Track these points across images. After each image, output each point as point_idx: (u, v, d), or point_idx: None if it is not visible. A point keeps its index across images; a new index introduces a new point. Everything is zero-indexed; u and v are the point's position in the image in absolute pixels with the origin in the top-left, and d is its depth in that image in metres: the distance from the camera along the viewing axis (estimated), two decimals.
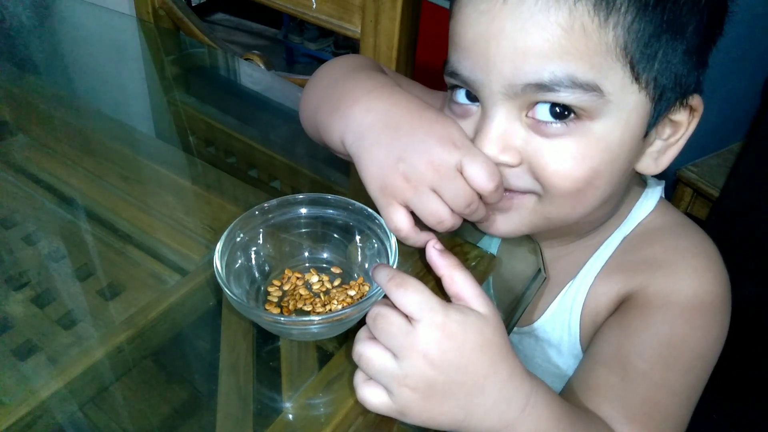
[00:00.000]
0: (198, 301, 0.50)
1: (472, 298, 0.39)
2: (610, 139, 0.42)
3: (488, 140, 0.43)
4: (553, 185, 0.43)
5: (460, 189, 0.42)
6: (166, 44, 0.97)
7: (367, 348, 0.39)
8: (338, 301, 0.45)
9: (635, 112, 0.42)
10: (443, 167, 0.42)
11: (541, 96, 0.40)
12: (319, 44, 2.44)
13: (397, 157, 0.43)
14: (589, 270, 0.53)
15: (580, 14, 0.38)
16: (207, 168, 0.67)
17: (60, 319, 0.48)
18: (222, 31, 2.66)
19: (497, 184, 0.42)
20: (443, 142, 0.42)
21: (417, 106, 0.46)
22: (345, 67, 0.54)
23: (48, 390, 0.42)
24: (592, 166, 0.42)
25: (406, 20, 0.79)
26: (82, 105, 0.78)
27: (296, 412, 0.41)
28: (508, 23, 0.39)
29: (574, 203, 0.45)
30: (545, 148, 0.42)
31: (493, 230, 0.48)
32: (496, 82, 0.41)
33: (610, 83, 0.40)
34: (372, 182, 0.44)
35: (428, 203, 0.43)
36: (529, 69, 0.40)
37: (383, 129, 0.45)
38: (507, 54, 0.40)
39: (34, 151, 0.67)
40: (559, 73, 0.39)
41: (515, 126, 0.43)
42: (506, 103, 0.42)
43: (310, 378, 0.43)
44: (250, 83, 0.87)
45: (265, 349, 0.45)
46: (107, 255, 0.54)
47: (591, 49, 0.39)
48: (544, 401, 0.39)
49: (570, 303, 0.54)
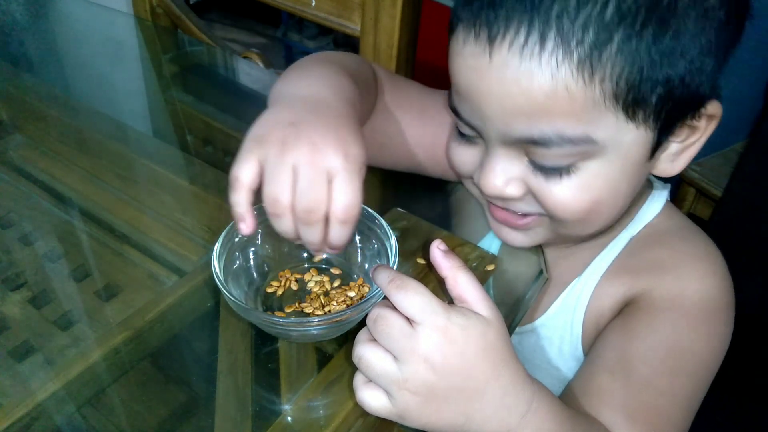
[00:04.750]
0: (196, 302, 0.50)
1: (476, 301, 0.39)
2: (610, 172, 0.42)
3: (493, 175, 0.44)
4: (557, 216, 0.44)
5: (317, 192, 0.38)
6: (164, 42, 0.96)
7: (367, 350, 0.38)
8: (337, 302, 0.45)
9: (634, 145, 0.42)
10: (320, 160, 0.38)
11: (534, 149, 0.41)
12: (319, 42, 2.43)
13: (292, 122, 0.40)
14: (595, 269, 0.52)
15: (563, 77, 0.37)
16: (205, 167, 0.67)
17: (57, 320, 0.48)
18: (220, 29, 2.65)
19: (347, 219, 0.39)
20: (339, 144, 0.39)
21: (352, 111, 0.44)
22: (330, 56, 0.52)
23: (45, 391, 0.42)
24: (593, 197, 0.43)
25: (407, 18, 0.79)
26: (79, 104, 0.78)
27: (295, 414, 0.41)
28: (494, 84, 0.40)
29: (584, 226, 0.46)
30: (545, 186, 0.43)
31: (510, 241, 0.49)
32: (493, 132, 0.42)
33: (602, 131, 0.40)
34: (255, 128, 0.41)
35: (278, 174, 0.38)
36: (518, 127, 0.40)
37: (308, 103, 0.42)
38: (497, 112, 0.40)
39: (31, 151, 0.66)
40: (548, 130, 0.39)
41: (516, 164, 0.43)
42: (506, 146, 0.43)
43: (309, 380, 0.43)
44: (249, 82, 0.87)
45: (264, 350, 0.45)
46: (104, 255, 0.54)
47: (577, 107, 0.38)
48: (545, 407, 0.39)
49: (574, 302, 0.53)
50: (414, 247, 0.51)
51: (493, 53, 0.39)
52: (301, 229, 0.39)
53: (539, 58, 0.37)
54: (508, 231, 0.49)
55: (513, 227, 0.48)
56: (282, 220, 0.39)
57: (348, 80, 0.47)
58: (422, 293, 0.37)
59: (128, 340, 0.46)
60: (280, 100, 0.44)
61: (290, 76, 0.46)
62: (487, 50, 0.39)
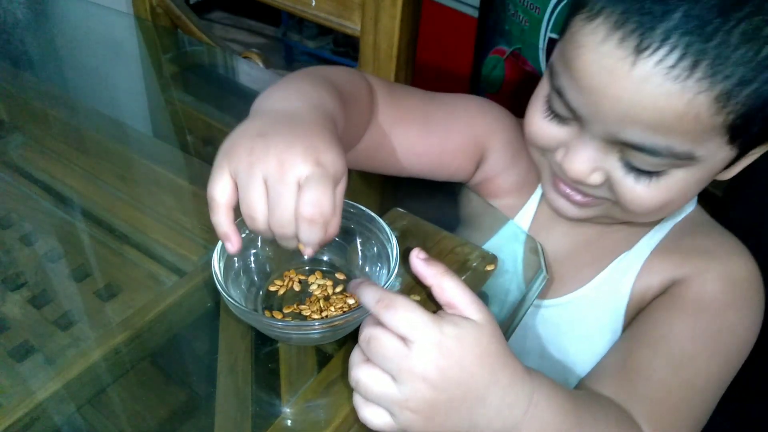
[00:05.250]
0: (196, 302, 0.50)
1: (465, 306, 0.38)
2: (691, 180, 0.44)
3: (580, 161, 0.44)
4: (628, 208, 0.45)
5: (287, 205, 0.37)
6: (164, 42, 0.96)
7: (363, 373, 0.38)
8: (335, 308, 0.45)
9: (721, 161, 0.43)
10: (288, 170, 0.37)
11: (636, 154, 0.42)
12: (319, 42, 2.43)
13: (259, 133, 0.39)
14: (645, 245, 0.53)
15: (698, 104, 0.38)
16: (205, 167, 0.66)
17: (57, 320, 0.48)
18: (220, 29, 2.65)
19: (313, 219, 0.37)
20: (308, 152, 0.38)
21: (326, 121, 0.42)
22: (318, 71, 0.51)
23: (45, 391, 0.42)
24: (668, 198, 0.44)
25: (407, 18, 0.79)
26: (79, 104, 0.78)
27: (295, 414, 0.41)
28: (626, 93, 0.39)
29: (645, 217, 0.48)
30: (628, 180, 0.44)
31: (563, 211, 0.50)
32: (599, 129, 0.42)
33: (705, 149, 0.41)
34: (225, 142, 0.40)
35: (250, 190, 0.38)
36: (633, 134, 0.40)
37: (279, 115, 0.42)
38: (617, 116, 0.40)
39: (31, 150, 0.66)
40: (660, 144, 0.40)
41: (607, 156, 0.44)
42: (603, 141, 0.43)
43: (309, 380, 0.43)
44: (249, 82, 0.86)
45: (264, 350, 0.45)
46: (104, 255, 0.54)
47: (698, 130, 0.39)
48: (546, 398, 0.39)
49: (622, 274, 0.54)
50: (414, 247, 0.51)
51: (637, 63, 0.38)
52: (280, 242, 0.40)
53: (684, 82, 0.37)
54: (564, 202, 0.50)
55: (571, 202, 0.49)
56: (263, 234, 0.39)
57: (327, 93, 0.46)
58: (412, 309, 0.37)
59: (128, 340, 0.46)
60: (253, 115, 0.43)
61: (270, 91, 0.46)
62: (631, 59, 0.38)
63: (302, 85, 0.46)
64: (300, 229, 0.38)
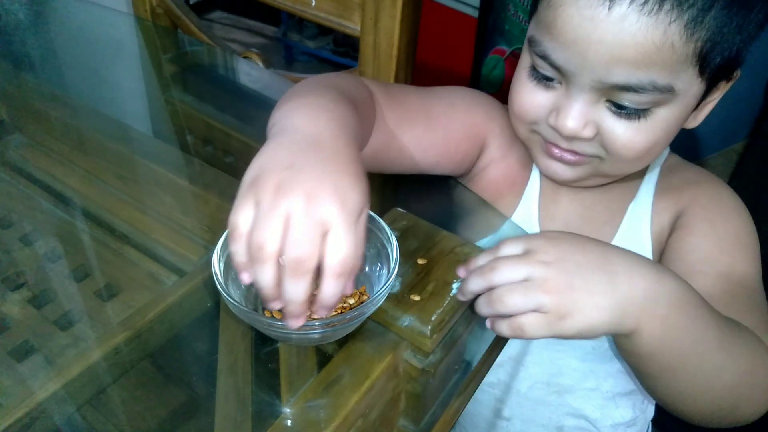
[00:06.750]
0: (196, 302, 0.50)
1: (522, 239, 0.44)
2: (671, 119, 0.48)
3: (572, 117, 0.48)
4: (618, 154, 0.49)
5: (310, 243, 0.36)
6: (164, 42, 0.96)
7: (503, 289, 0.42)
8: (335, 308, 0.44)
9: (693, 97, 0.48)
10: (314, 210, 0.37)
11: (624, 94, 0.46)
12: (319, 42, 2.43)
13: (290, 165, 0.39)
14: (646, 191, 0.59)
15: (672, 33, 0.43)
16: (205, 167, 0.67)
17: (57, 320, 0.48)
18: (220, 29, 2.65)
19: (343, 273, 0.37)
20: (337, 192, 0.38)
21: (352, 149, 0.43)
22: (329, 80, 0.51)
23: (45, 391, 0.42)
24: (654, 139, 0.49)
25: (407, 18, 0.79)
26: (79, 104, 0.78)
27: (295, 414, 0.41)
28: (608, 34, 0.44)
29: (632, 165, 0.53)
30: (617, 126, 0.48)
31: (558, 174, 0.54)
32: (587, 78, 0.46)
33: (681, 81, 0.46)
34: (252, 169, 0.40)
35: (269, 221, 0.37)
36: (619, 73, 0.45)
37: (307, 139, 0.42)
38: (603, 59, 0.45)
39: (31, 151, 0.66)
40: (644, 79, 0.45)
41: (595, 107, 0.48)
42: (591, 91, 0.47)
43: (309, 380, 0.43)
44: (249, 82, 0.86)
45: (264, 350, 0.45)
46: (104, 255, 0.54)
47: (674, 60, 0.44)
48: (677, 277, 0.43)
49: (638, 221, 0.59)
50: (414, 247, 0.51)
51: (613, 7, 0.43)
52: (286, 283, 0.37)
53: (656, 15, 0.42)
54: (558, 165, 0.53)
55: (564, 163, 0.53)
56: (264, 268, 0.37)
57: (347, 107, 0.46)
58: (505, 262, 0.42)
59: (128, 340, 0.46)
60: (279, 135, 0.43)
61: (289, 105, 0.45)
62: (607, 3, 0.43)
63: (323, 101, 0.46)
64: (325, 283, 0.37)
